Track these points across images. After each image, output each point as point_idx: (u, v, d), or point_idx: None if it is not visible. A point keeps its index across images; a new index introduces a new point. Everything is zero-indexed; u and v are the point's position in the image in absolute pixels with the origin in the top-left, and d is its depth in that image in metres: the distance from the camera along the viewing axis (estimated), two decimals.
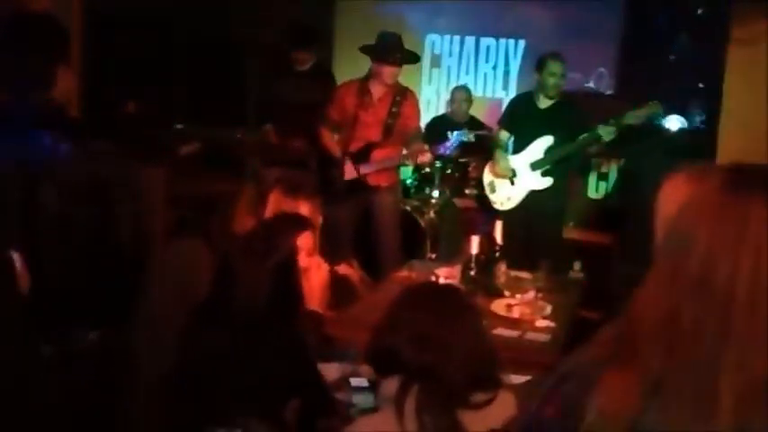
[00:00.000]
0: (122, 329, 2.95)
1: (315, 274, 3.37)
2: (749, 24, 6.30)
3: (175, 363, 2.61)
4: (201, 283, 2.75)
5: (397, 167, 6.15)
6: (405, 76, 7.30)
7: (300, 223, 2.90)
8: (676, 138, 7.00)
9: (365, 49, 5.93)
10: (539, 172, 5.89)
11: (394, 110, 5.83)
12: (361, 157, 5.88)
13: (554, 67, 5.81)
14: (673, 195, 1.36)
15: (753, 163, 1.28)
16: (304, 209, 3.45)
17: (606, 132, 5.63)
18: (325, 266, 3.56)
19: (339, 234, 5.86)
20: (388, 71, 5.78)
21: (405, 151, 5.94)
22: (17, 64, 2.80)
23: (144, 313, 3.03)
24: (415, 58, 6.05)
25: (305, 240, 3.14)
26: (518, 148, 6.03)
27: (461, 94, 7.31)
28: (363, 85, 5.92)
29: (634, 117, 5.66)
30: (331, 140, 6.05)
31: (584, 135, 5.74)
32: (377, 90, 5.88)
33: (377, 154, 5.88)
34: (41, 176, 2.72)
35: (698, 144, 6.79)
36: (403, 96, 5.89)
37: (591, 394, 1.17)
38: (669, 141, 6.93)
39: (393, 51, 5.80)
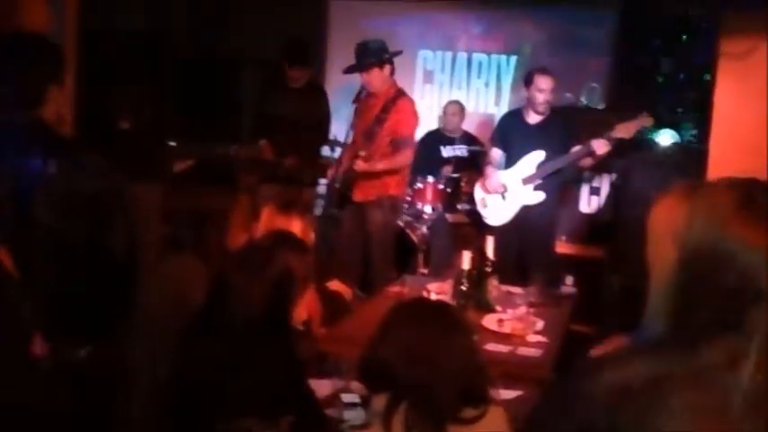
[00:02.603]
0: (117, 344, 2.96)
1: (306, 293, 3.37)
2: (739, 38, 6.33)
3: (169, 376, 2.62)
4: (196, 297, 2.77)
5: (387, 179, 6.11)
6: None
7: (298, 246, 2.92)
8: (668, 152, 7.02)
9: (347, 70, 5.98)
10: (530, 187, 5.91)
11: (382, 116, 5.82)
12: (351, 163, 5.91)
13: (542, 82, 5.83)
14: (666, 213, 1.38)
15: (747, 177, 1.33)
16: (296, 225, 3.46)
17: (599, 145, 5.65)
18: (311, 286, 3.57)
19: (335, 249, 5.88)
20: (362, 78, 5.83)
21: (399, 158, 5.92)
22: (5, 81, 2.81)
23: (138, 328, 3.05)
24: (380, 61, 5.85)
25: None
26: (509, 164, 6.05)
27: (454, 109, 7.34)
28: (360, 92, 5.97)
29: (625, 129, 5.68)
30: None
31: (576, 149, 5.77)
32: (369, 96, 5.91)
33: (361, 161, 5.89)
34: (33, 194, 2.72)
35: (689, 158, 6.81)
36: (393, 103, 5.85)
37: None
38: (661, 155, 6.95)
39: (359, 58, 5.82)
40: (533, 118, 5.95)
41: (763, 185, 1.32)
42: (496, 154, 6.15)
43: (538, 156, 5.88)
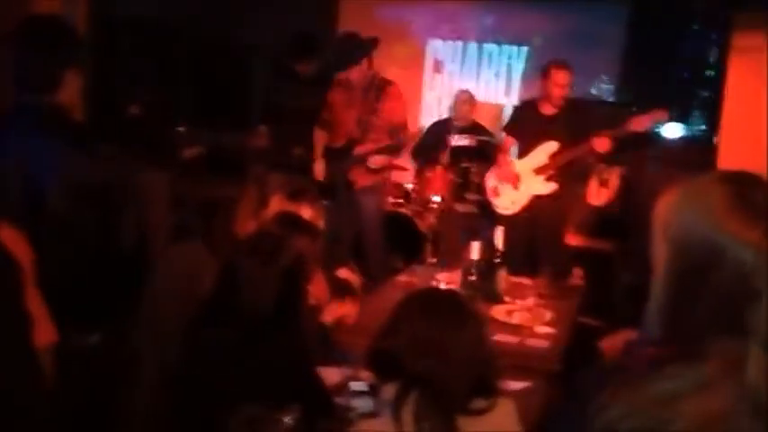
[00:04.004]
0: (124, 332, 2.96)
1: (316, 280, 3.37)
2: (750, 34, 6.31)
3: (177, 365, 2.61)
4: (203, 286, 2.76)
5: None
6: (406, 81, 7.30)
7: (307, 229, 2.91)
8: (677, 145, 7.01)
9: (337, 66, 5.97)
10: (542, 177, 5.90)
11: (376, 105, 5.84)
12: (344, 153, 5.92)
13: (559, 77, 5.80)
14: (661, 208, 1.37)
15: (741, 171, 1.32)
16: (306, 214, 3.45)
17: (600, 144, 5.64)
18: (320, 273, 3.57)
19: (337, 238, 5.88)
20: (353, 71, 5.84)
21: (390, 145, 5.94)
22: (24, 65, 2.81)
23: (146, 316, 3.04)
24: (370, 51, 5.90)
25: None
26: (522, 154, 6.04)
27: (464, 98, 7.31)
28: (347, 85, 5.96)
29: (639, 123, 5.65)
30: (321, 141, 6.16)
31: (583, 145, 5.74)
32: (357, 87, 5.90)
33: (359, 149, 5.92)
34: (44, 178, 2.72)
35: (699, 152, 6.80)
36: (383, 91, 5.87)
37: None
38: (670, 149, 6.94)
39: (352, 52, 5.84)
40: (549, 109, 5.93)
41: (755, 179, 1.31)
42: (509, 143, 6.14)
43: (551, 147, 5.86)
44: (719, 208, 1.25)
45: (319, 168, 6.01)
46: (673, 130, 7.03)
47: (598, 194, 7.04)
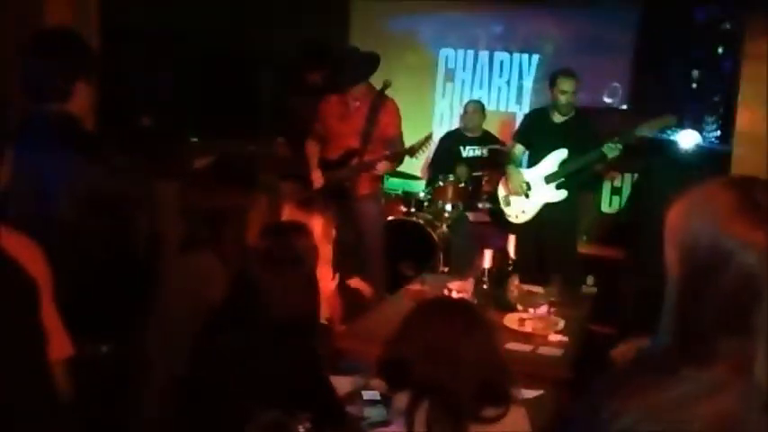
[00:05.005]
0: (135, 342, 2.97)
1: (324, 285, 3.37)
2: (763, 40, 6.28)
3: (188, 373, 2.61)
4: (214, 295, 2.76)
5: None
6: (418, 90, 7.30)
7: (305, 231, 2.91)
8: (690, 153, 6.98)
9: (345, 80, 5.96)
10: (553, 185, 5.89)
11: (373, 116, 5.85)
12: (341, 164, 5.93)
13: (565, 84, 5.81)
14: (671, 214, 1.38)
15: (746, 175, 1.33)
16: (317, 222, 3.46)
17: (610, 150, 5.62)
18: (333, 278, 3.57)
19: (346, 247, 5.89)
20: (358, 86, 5.86)
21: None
22: (36, 76, 2.83)
23: (157, 325, 3.05)
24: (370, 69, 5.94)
25: (324, 250, 3.18)
26: (533, 162, 6.04)
27: (474, 108, 7.31)
28: (342, 97, 5.95)
29: (647, 128, 5.64)
30: (315, 152, 6.14)
31: (593, 152, 5.73)
32: (354, 101, 5.91)
33: (364, 158, 5.94)
34: (56, 189, 2.73)
35: (712, 159, 6.76)
36: (380, 104, 5.88)
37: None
38: (683, 156, 6.91)
39: (364, 67, 5.88)
40: (558, 117, 5.93)
41: (762, 183, 1.31)
42: (519, 151, 6.14)
43: (561, 154, 5.86)
44: (725, 211, 1.26)
45: (317, 178, 6.00)
46: (684, 137, 7.00)
47: (609, 202, 7.03)
